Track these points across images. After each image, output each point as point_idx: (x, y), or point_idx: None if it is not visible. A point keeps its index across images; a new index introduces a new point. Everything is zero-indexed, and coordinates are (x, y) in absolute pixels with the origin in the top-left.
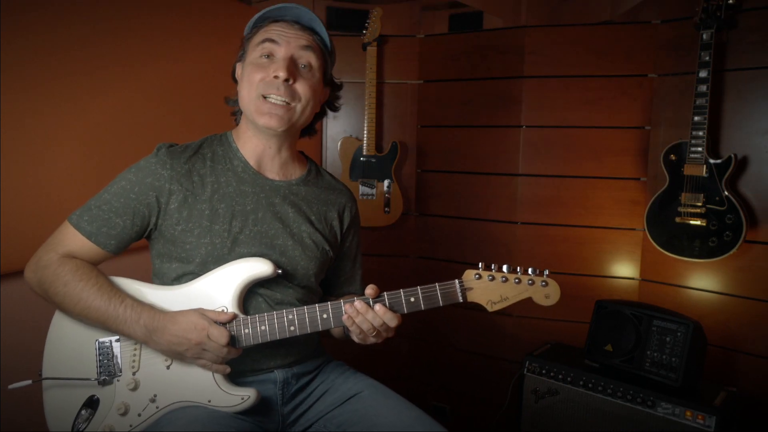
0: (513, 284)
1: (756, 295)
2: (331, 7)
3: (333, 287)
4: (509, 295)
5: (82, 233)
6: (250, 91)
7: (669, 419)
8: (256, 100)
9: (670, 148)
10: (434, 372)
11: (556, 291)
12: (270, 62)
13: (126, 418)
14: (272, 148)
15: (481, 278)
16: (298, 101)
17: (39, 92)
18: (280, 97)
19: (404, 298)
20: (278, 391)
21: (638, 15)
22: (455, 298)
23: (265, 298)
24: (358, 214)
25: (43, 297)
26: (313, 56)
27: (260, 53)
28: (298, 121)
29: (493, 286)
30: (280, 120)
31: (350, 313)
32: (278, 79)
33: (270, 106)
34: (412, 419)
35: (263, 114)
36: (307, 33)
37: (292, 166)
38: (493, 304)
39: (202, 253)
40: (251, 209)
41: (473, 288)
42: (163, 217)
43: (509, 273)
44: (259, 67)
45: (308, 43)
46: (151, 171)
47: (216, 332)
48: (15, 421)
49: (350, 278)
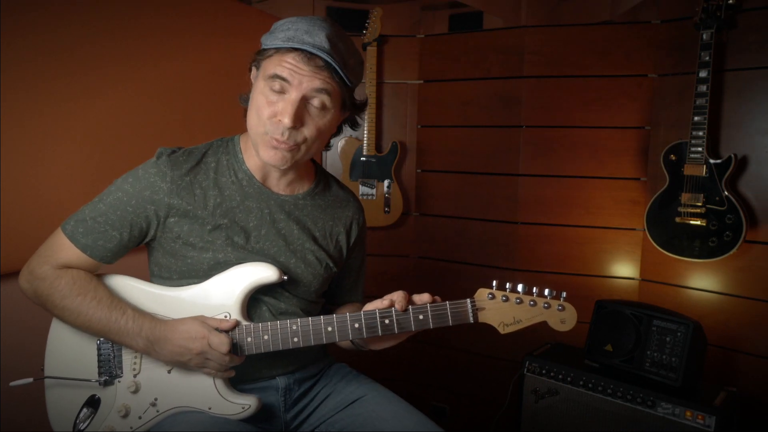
0: (528, 306)
1: (756, 295)
2: (331, 7)
3: (334, 296)
4: (523, 318)
5: (77, 246)
6: (258, 125)
7: (669, 419)
8: (263, 135)
9: (670, 148)
10: (434, 372)
11: (573, 316)
12: (279, 99)
13: (127, 420)
14: (278, 171)
15: (494, 298)
16: (303, 142)
17: (39, 92)
18: (285, 142)
19: (412, 315)
20: (281, 398)
21: (638, 15)
22: (466, 319)
23: (269, 306)
24: (365, 225)
25: (41, 306)
26: (328, 98)
27: (271, 87)
28: (303, 158)
29: (506, 308)
30: (284, 159)
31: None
32: (283, 124)
33: (277, 143)
34: (415, 424)
35: (269, 149)
36: (325, 72)
37: (300, 182)
38: (505, 326)
39: (204, 268)
40: (254, 225)
41: (485, 308)
42: (162, 230)
43: (524, 294)
44: (269, 103)
45: (323, 86)
46: (150, 183)
47: (216, 340)
48: (15, 420)
49: (353, 288)
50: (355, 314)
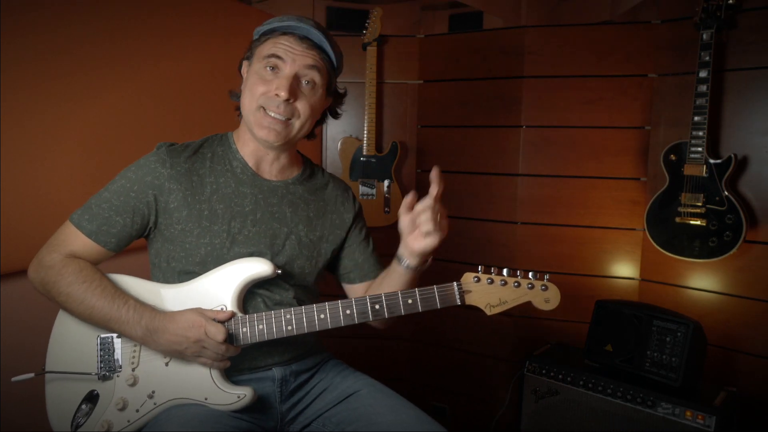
0: (512, 288)
1: (756, 295)
2: (331, 7)
3: (354, 274)
4: (508, 299)
5: (83, 232)
6: (251, 102)
7: (669, 419)
8: (256, 111)
9: (670, 148)
10: (434, 372)
11: (556, 295)
12: (274, 76)
13: (124, 414)
14: (270, 155)
15: (479, 281)
16: (297, 118)
17: (39, 92)
18: (280, 114)
19: (402, 299)
20: (276, 389)
21: (638, 15)
22: (453, 301)
23: (264, 298)
24: (357, 201)
25: (47, 296)
26: (318, 75)
27: (265, 65)
28: (296, 136)
29: (492, 290)
30: (277, 135)
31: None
32: (279, 98)
33: (270, 120)
34: (411, 418)
35: (262, 127)
36: (314, 51)
37: (290, 168)
38: (491, 308)
39: (202, 253)
40: (249, 210)
41: (472, 291)
42: (162, 215)
43: (508, 276)
44: (263, 80)
45: (314, 63)
46: (151, 169)
47: (213, 329)
48: (15, 417)
49: (368, 262)
50: (346, 301)
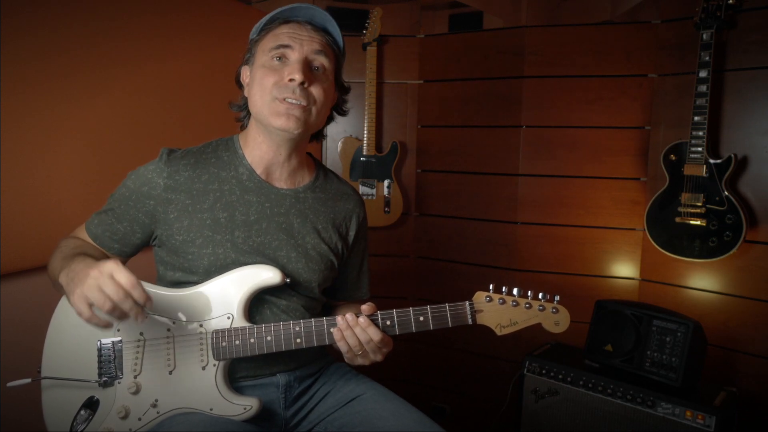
0: (523, 309)
1: (756, 295)
2: (331, 7)
3: (339, 292)
4: (519, 320)
5: (89, 235)
6: (263, 95)
7: (669, 419)
8: (271, 102)
9: (670, 148)
10: (434, 372)
11: (566, 318)
12: (283, 65)
13: (126, 422)
14: (282, 155)
15: (491, 301)
16: (313, 104)
17: (39, 92)
18: (296, 100)
19: (413, 317)
20: (281, 395)
21: (638, 15)
22: (465, 320)
23: (270, 305)
24: (366, 219)
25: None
26: (326, 59)
27: (272, 56)
28: (314, 123)
29: (503, 310)
30: (297, 121)
31: (340, 326)
32: (294, 83)
33: (287, 106)
34: (414, 422)
35: (280, 115)
36: (320, 35)
37: (301, 173)
38: (502, 328)
39: (205, 263)
40: (255, 219)
41: (483, 311)
42: (163, 226)
43: (520, 297)
44: (272, 70)
45: (321, 47)
46: (147, 180)
47: (111, 265)
48: (13, 420)
49: (356, 284)
50: (358, 315)
